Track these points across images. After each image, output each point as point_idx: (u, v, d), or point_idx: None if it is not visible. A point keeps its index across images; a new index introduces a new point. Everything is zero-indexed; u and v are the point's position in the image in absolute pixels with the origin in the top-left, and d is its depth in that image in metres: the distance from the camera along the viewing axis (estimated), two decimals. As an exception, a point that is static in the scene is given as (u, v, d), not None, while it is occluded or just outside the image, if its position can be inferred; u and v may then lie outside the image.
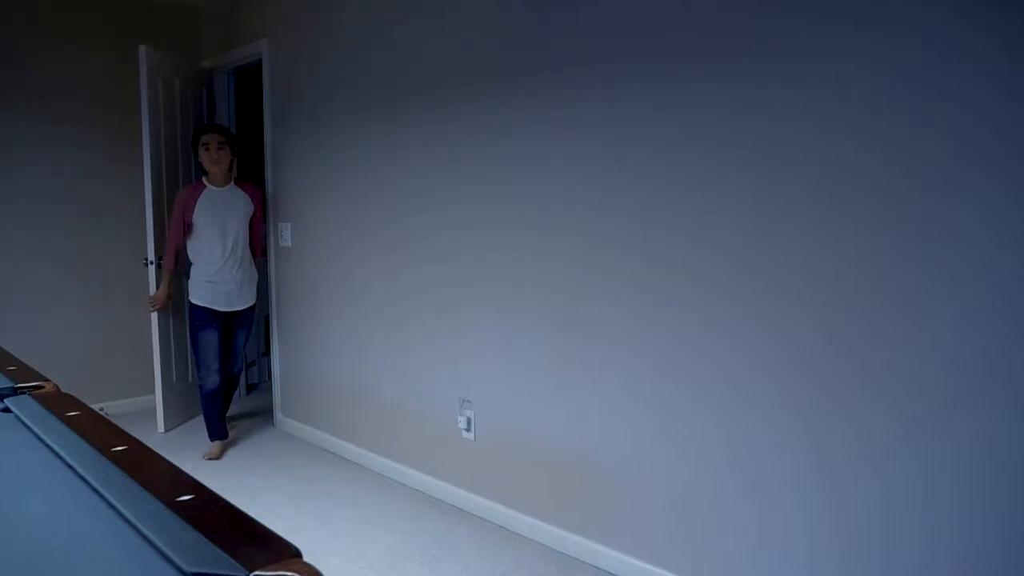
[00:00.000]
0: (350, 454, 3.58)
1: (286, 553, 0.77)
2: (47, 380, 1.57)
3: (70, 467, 1.07)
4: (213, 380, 3.60)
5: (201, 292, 3.55)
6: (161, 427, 3.93)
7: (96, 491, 0.98)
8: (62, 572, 0.81)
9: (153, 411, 3.99)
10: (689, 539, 2.23)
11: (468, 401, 2.94)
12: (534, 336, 2.65)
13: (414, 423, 3.23)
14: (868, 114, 1.78)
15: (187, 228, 3.55)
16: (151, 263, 3.81)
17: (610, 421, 2.42)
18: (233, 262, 3.58)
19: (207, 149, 3.50)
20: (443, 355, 3.04)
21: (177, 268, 3.66)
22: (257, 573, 0.72)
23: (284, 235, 3.94)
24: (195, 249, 3.57)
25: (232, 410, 4.51)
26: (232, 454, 3.68)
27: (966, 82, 1.62)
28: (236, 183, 3.65)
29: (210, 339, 3.57)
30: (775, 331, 1.99)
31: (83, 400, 1.42)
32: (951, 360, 1.68)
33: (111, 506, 0.93)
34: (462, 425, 2.95)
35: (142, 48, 3.71)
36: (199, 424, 3.86)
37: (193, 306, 3.58)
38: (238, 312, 3.67)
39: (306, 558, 0.76)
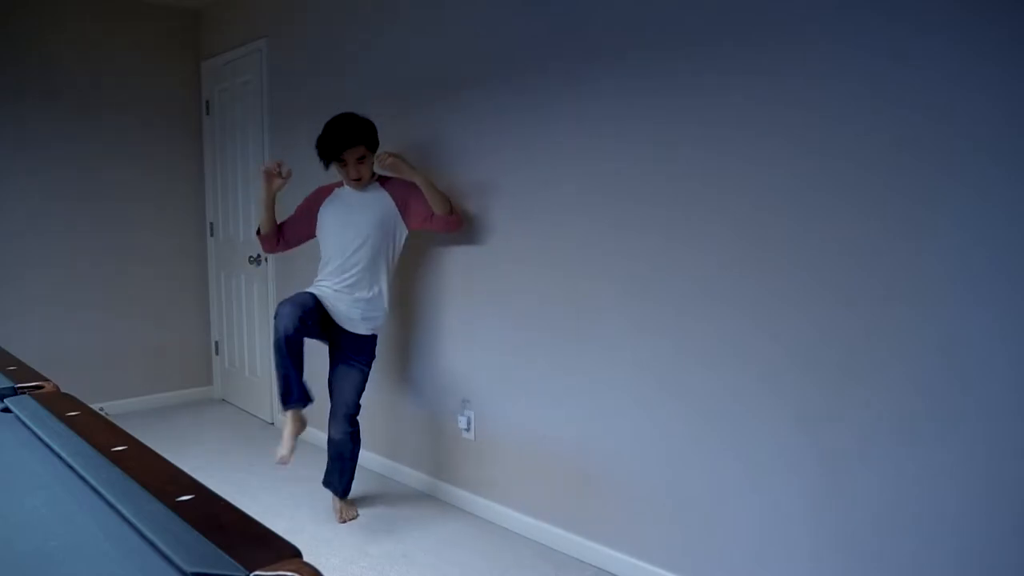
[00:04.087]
0: (350, 454, 3.57)
1: (286, 553, 0.77)
2: (47, 380, 1.57)
3: (70, 467, 1.07)
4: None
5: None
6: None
7: (96, 491, 0.98)
8: (62, 572, 0.81)
9: (154, 411, 3.99)
10: (689, 539, 2.23)
11: (468, 401, 2.94)
12: (534, 337, 2.65)
13: (414, 423, 3.23)
14: (871, 111, 1.78)
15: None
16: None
17: (611, 421, 2.42)
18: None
19: (345, 166, 2.73)
20: (443, 356, 3.04)
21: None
22: (257, 573, 0.72)
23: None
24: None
25: (229, 412, 4.51)
26: (232, 454, 3.67)
27: (964, 79, 1.62)
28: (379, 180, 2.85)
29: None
30: (774, 332, 1.99)
31: (83, 400, 1.42)
32: (948, 362, 1.68)
33: (111, 506, 0.93)
34: (462, 425, 2.95)
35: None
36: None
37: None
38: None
39: (306, 558, 0.76)
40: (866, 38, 1.76)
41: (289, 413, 2.69)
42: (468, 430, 2.94)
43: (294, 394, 2.64)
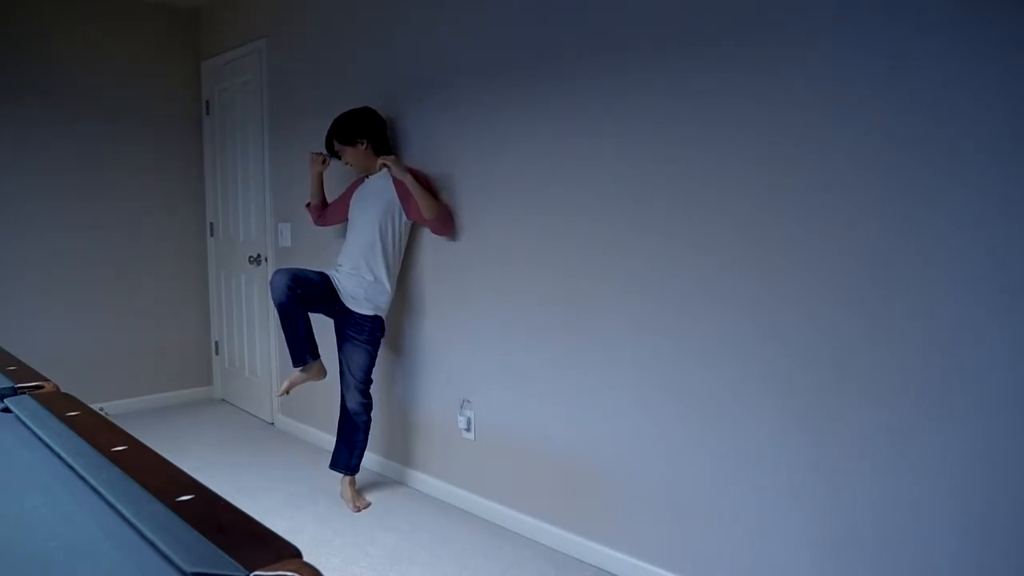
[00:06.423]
0: (350, 454, 3.57)
1: (286, 553, 0.77)
2: (47, 380, 1.56)
3: (70, 467, 1.07)
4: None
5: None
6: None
7: (96, 491, 0.98)
8: (62, 572, 0.81)
9: (154, 411, 3.99)
10: (689, 539, 2.23)
11: (468, 401, 2.94)
12: (534, 337, 2.65)
13: (414, 423, 3.23)
14: (870, 111, 1.78)
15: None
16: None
17: (611, 421, 2.42)
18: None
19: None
20: (443, 356, 3.04)
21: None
22: (257, 573, 0.72)
23: (284, 235, 3.94)
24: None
25: (229, 412, 4.51)
26: (232, 454, 3.67)
27: (964, 79, 1.62)
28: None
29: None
30: (774, 332, 1.99)
31: (83, 400, 1.42)
32: (948, 362, 1.68)
33: (111, 506, 0.93)
34: (462, 425, 2.95)
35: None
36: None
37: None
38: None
39: (306, 558, 0.76)
40: (866, 38, 1.76)
41: (296, 369, 2.92)
42: (468, 430, 2.94)
43: (296, 357, 2.88)
